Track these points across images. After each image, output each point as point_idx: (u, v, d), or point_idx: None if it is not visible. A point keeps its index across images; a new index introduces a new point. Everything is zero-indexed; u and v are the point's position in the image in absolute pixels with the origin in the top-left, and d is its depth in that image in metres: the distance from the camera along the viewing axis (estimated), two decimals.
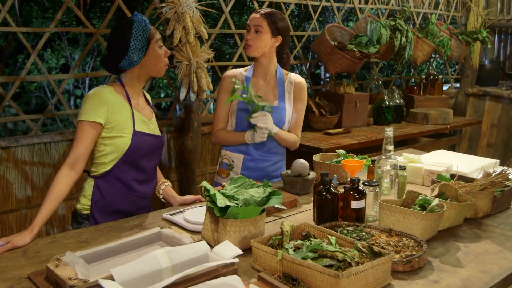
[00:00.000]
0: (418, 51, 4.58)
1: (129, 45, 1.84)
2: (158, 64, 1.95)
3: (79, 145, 1.82)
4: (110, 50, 1.91)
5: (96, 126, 1.83)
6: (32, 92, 8.26)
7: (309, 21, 4.56)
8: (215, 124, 2.45)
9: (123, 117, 1.88)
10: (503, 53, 6.09)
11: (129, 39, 1.84)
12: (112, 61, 1.89)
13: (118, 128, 1.86)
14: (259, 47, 2.32)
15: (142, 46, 1.86)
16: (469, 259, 1.53)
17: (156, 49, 1.92)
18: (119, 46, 1.85)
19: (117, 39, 1.87)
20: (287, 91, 2.44)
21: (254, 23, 2.31)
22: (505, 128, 5.45)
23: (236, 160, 2.41)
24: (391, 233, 1.61)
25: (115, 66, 1.90)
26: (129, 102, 1.91)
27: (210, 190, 1.56)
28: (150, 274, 1.22)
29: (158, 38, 1.93)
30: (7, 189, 2.84)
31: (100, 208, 1.92)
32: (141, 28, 1.85)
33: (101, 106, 1.83)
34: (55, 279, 1.30)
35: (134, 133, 1.89)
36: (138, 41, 1.85)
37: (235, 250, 1.35)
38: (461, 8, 5.65)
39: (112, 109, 1.85)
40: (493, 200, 1.92)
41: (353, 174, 1.99)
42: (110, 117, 1.84)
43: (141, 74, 1.95)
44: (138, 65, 1.90)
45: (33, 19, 7.16)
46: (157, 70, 1.96)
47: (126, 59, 1.86)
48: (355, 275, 1.24)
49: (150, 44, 1.90)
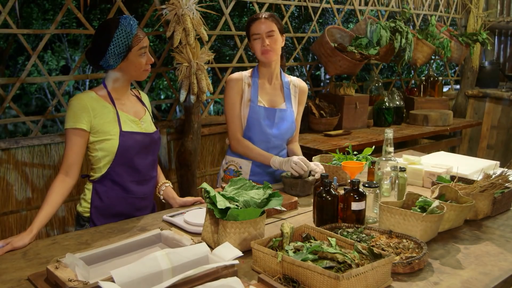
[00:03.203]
0: (418, 52, 4.59)
1: (108, 49, 1.83)
2: (137, 71, 1.92)
3: (68, 153, 1.84)
4: (92, 47, 1.90)
5: (81, 132, 1.84)
6: (32, 94, 8.27)
7: (309, 23, 4.57)
8: (234, 130, 2.37)
9: (107, 120, 1.88)
10: (503, 55, 6.09)
11: (109, 42, 1.82)
12: (92, 58, 1.90)
13: (103, 131, 1.86)
14: (277, 49, 2.34)
15: (120, 52, 1.84)
16: (469, 261, 1.53)
17: (136, 57, 1.88)
18: (99, 46, 1.85)
19: (99, 39, 1.86)
20: (292, 95, 2.47)
21: (266, 29, 2.29)
22: (505, 129, 5.45)
23: (244, 167, 2.40)
24: (391, 235, 1.61)
25: (95, 63, 1.91)
26: (113, 104, 1.91)
27: (210, 192, 1.56)
28: (150, 276, 1.22)
29: (142, 46, 1.88)
30: (7, 191, 2.84)
31: (100, 212, 1.92)
32: (124, 34, 1.83)
33: (82, 112, 1.83)
34: (55, 280, 1.30)
35: (121, 133, 1.88)
36: (116, 47, 1.83)
37: (235, 252, 1.34)
38: (461, 9, 5.65)
39: (93, 113, 1.85)
40: (493, 202, 1.92)
41: (353, 176, 1.99)
42: (93, 121, 1.85)
43: (123, 77, 1.94)
44: (116, 68, 1.89)
45: (33, 20, 7.17)
46: (136, 75, 1.94)
47: (103, 60, 1.86)
48: (355, 276, 1.24)
49: (131, 51, 1.86)
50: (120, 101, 1.95)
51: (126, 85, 1.98)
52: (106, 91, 1.93)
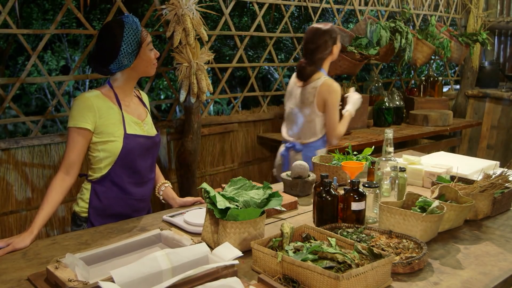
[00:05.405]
0: (418, 52, 4.59)
1: (120, 49, 1.80)
2: (148, 66, 1.92)
3: (70, 152, 1.82)
4: (99, 53, 1.85)
5: (85, 132, 1.81)
6: (32, 94, 8.26)
7: (309, 23, 4.56)
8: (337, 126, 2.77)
9: (112, 121, 1.85)
10: (503, 55, 6.09)
11: (120, 43, 1.79)
12: (100, 63, 1.85)
13: (107, 132, 1.84)
14: None
15: (133, 50, 1.82)
16: (469, 261, 1.53)
17: (146, 52, 1.88)
18: (109, 49, 1.81)
19: (107, 42, 1.82)
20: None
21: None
22: (505, 129, 5.45)
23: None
24: (391, 235, 1.61)
25: (103, 69, 1.87)
26: (118, 105, 1.89)
27: (210, 192, 1.56)
28: (150, 276, 1.22)
29: (149, 41, 1.89)
30: (7, 191, 2.84)
31: (97, 212, 1.91)
32: (132, 31, 1.81)
33: (88, 112, 1.80)
34: (55, 281, 1.30)
35: (126, 136, 1.86)
36: (129, 45, 1.81)
37: (235, 252, 1.34)
38: (461, 10, 5.65)
39: (99, 114, 1.82)
40: (493, 202, 1.92)
41: (353, 176, 2.00)
42: (98, 122, 1.82)
43: (132, 76, 1.92)
44: (129, 68, 1.87)
45: (33, 20, 7.16)
46: (147, 71, 1.94)
47: (116, 63, 1.82)
48: (355, 277, 1.24)
49: (141, 47, 1.86)
50: (125, 102, 1.93)
51: (132, 85, 1.96)
52: (113, 92, 1.90)
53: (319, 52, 2.76)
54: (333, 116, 2.73)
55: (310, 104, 2.76)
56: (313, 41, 2.75)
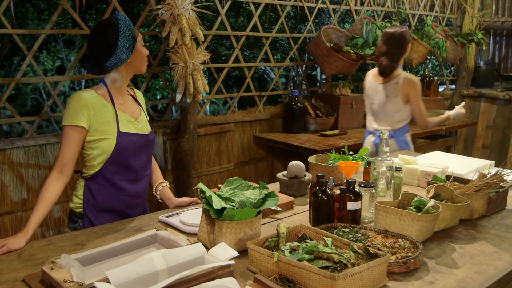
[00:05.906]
0: (413, 52, 4.60)
1: (117, 44, 1.84)
2: (142, 62, 1.97)
3: (64, 150, 1.83)
4: (95, 51, 1.88)
5: (80, 130, 1.83)
6: (27, 94, 8.23)
7: (305, 23, 4.57)
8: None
9: (106, 119, 1.87)
10: (498, 55, 6.12)
11: (116, 38, 1.83)
12: (96, 61, 1.88)
13: (101, 130, 1.86)
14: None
15: (129, 45, 1.87)
16: (465, 260, 1.54)
17: (140, 47, 1.94)
18: (106, 45, 1.84)
19: (103, 39, 1.85)
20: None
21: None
22: (500, 129, 5.48)
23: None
24: (387, 235, 1.61)
25: (100, 67, 1.89)
26: (112, 103, 1.91)
27: (206, 192, 1.56)
28: (146, 276, 1.22)
29: (141, 37, 1.96)
30: (2, 192, 2.83)
31: (92, 207, 1.92)
32: (126, 27, 1.86)
33: (82, 110, 1.82)
34: (51, 282, 1.29)
35: (119, 134, 1.88)
36: (126, 40, 1.85)
37: (231, 252, 1.34)
38: (457, 10, 5.67)
39: (93, 112, 1.84)
40: (488, 201, 1.93)
41: (349, 176, 2.00)
42: (93, 120, 1.84)
43: (126, 73, 1.95)
44: (125, 63, 1.90)
45: (28, 20, 7.13)
46: (141, 67, 1.98)
47: (113, 58, 1.85)
48: (351, 276, 1.24)
49: (136, 42, 1.91)
50: (119, 101, 1.95)
51: (126, 83, 1.99)
52: (107, 90, 1.92)
53: (401, 52, 3.11)
54: (419, 105, 3.12)
55: (395, 97, 3.12)
56: (397, 43, 3.08)
